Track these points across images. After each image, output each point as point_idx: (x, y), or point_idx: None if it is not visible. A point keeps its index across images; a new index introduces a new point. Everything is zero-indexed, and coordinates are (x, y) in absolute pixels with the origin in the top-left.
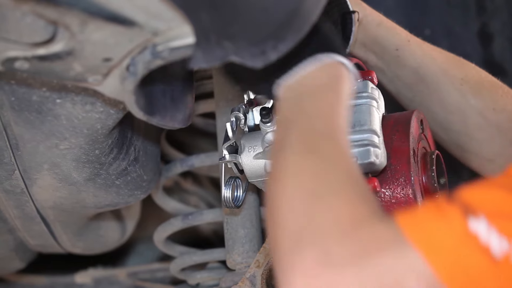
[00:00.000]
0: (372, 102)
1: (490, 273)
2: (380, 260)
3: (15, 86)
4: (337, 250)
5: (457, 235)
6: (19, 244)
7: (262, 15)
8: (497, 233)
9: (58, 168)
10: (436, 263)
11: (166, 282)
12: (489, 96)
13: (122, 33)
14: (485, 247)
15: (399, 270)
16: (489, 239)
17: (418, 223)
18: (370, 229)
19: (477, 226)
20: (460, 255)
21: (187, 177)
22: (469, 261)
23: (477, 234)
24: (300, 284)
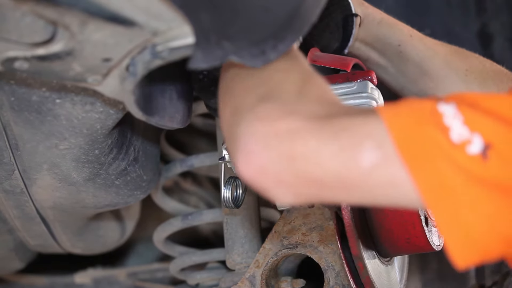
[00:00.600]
0: (372, 102)
1: (442, 148)
2: (344, 120)
3: (15, 86)
4: (302, 107)
5: (423, 112)
6: (18, 244)
7: (262, 15)
8: (462, 120)
9: (57, 168)
10: (396, 132)
11: (166, 282)
12: (494, 85)
13: (122, 33)
14: (446, 127)
15: (359, 131)
16: (452, 122)
17: (392, 105)
18: (337, 102)
19: (445, 109)
20: (419, 127)
21: (186, 177)
22: (426, 134)
23: (442, 114)
24: (260, 129)
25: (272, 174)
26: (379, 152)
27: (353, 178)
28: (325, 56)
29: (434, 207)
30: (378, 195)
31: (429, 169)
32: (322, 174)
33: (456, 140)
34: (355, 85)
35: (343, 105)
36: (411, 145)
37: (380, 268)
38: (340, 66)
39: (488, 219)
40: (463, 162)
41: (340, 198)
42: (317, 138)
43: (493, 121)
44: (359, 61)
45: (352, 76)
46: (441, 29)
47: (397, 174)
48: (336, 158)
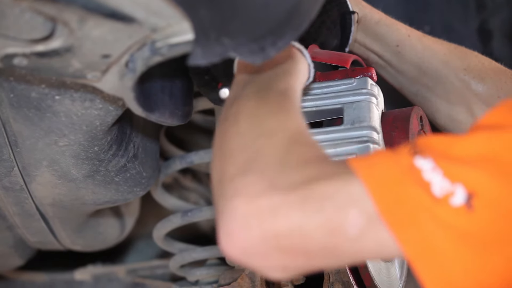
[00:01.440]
0: (372, 98)
1: (425, 207)
2: (324, 188)
3: (14, 82)
4: (282, 178)
5: (401, 169)
6: (18, 241)
7: (262, 11)
8: (442, 173)
9: (57, 165)
10: (376, 194)
11: (166, 279)
12: (493, 84)
13: (121, 29)
14: (426, 182)
15: (342, 199)
16: (432, 177)
17: (367, 160)
18: (317, 164)
19: (422, 164)
20: (400, 187)
21: (186, 174)
22: (407, 193)
23: (421, 169)
24: (240, 207)
25: (256, 254)
26: (364, 218)
27: (341, 246)
28: (324, 53)
29: (420, 267)
30: (367, 257)
31: (413, 230)
32: (309, 247)
33: (439, 194)
34: (354, 82)
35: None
36: (393, 206)
37: (380, 264)
38: (339, 63)
39: (475, 276)
40: (447, 217)
41: (330, 265)
42: (299, 212)
43: (471, 169)
44: (358, 58)
45: (352, 72)
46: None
47: (384, 237)
48: (322, 229)
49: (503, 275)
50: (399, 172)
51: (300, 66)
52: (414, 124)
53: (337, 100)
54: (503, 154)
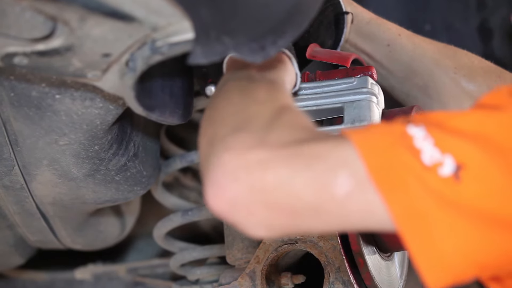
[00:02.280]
0: (372, 97)
1: (415, 172)
2: (315, 148)
3: (15, 81)
4: (273, 137)
5: (393, 135)
6: (18, 240)
7: (262, 10)
8: (433, 142)
9: (57, 164)
10: (367, 157)
11: (166, 278)
12: (484, 82)
13: (122, 28)
14: (417, 149)
15: (332, 159)
16: (423, 145)
17: (360, 129)
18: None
19: (415, 131)
20: (391, 152)
21: (186, 173)
22: (397, 158)
23: (412, 136)
24: (228, 161)
25: (242, 207)
26: (352, 180)
27: (328, 207)
28: (324, 52)
29: (406, 232)
30: (354, 222)
31: (402, 193)
32: (296, 204)
33: (428, 163)
34: (355, 81)
35: (316, 131)
36: (384, 170)
37: (381, 263)
38: (340, 62)
39: (461, 245)
40: (435, 185)
41: (315, 228)
42: (288, 167)
43: (463, 141)
44: (358, 57)
45: (352, 71)
46: (441, 24)
47: (372, 201)
48: (309, 187)
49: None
50: (391, 138)
51: (289, 68)
52: None
53: (337, 99)
54: (496, 133)
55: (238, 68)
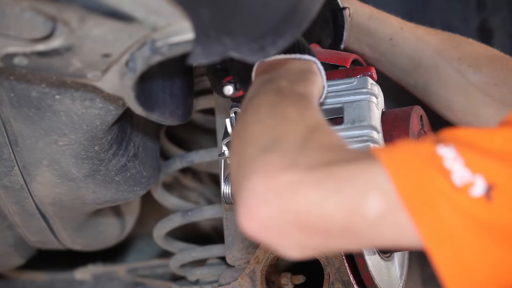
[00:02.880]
0: (372, 98)
1: (445, 194)
2: (345, 170)
3: (14, 82)
4: (303, 158)
5: (423, 156)
6: (18, 240)
7: (262, 10)
8: (463, 163)
9: (57, 164)
10: (397, 179)
11: (166, 278)
12: (489, 72)
13: (121, 29)
14: (447, 170)
15: (362, 181)
16: (453, 165)
17: (389, 148)
18: (338, 150)
19: (445, 152)
20: (421, 173)
21: (186, 173)
22: (428, 179)
23: (442, 157)
24: (260, 184)
25: (274, 230)
26: (383, 202)
27: (360, 229)
28: (324, 52)
29: (436, 253)
30: (385, 241)
31: (432, 216)
32: (328, 226)
33: (459, 183)
34: (355, 81)
35: (346, 150)
36: (414, 191)
37: (380, 264)
38: (339, 62)
39: (491, 268)
40: (466, 206)
41: (348, 247)
42: (319, 190)
43: (493, 161)
44: (358, 57)
45: (352, 71)
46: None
47: (403, 223)
48: (341, 210)
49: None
50: (420, 159)
51: (319, 81)
52: (414, 123)
53: (337, 99)
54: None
55: (268, 78)
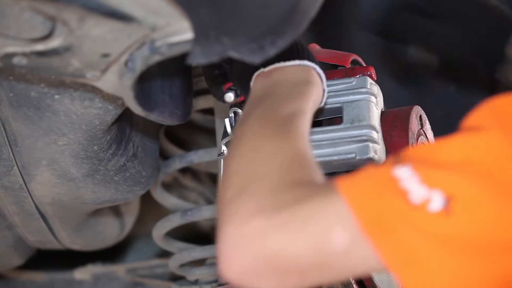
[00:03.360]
0: (371, 97)
1: (403, 215)
2: (307, 208)
3: (14, 82)
4: (269, 200)
5: (380, 181)
6: (17, 240)
7: (261, 10)
8: (419, 180)
9: (56, 164)
10: (357, 209)
11: (165, 278)
12: None
13: (121, 29)
14: (404, 190)
15: (325, 217)
16: (409, 185)
17: (351, 177)
18: (304, 186)
19: (401, 172)
20: (379, 198)
21: (186, 173)
22: (385, 204)
23: (398, 178)
24: (232, 233)
25: (251, 275)
26: (347, 234)
27: (331, 263)
28: (324, 52)
29: (401, 276)
30: (359, 271)
31: (393, 240)
32: (300, 265)
33: (416, 202)
34: (354, 81)
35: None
36: (373, 219)
37: None
38: (339, 62)
39: (457, 280)
40: (425, 224)
41: (324, 281)
42: (285, 233)
43: (450, 172)
44: (357, 57)
45: (351, 71)
46: None
47: (368, 252)
48: (309, 249)
49: (487, 278)
50: (378, 184)
51: (315, 91)
52: (413, 123)
53: (336, 99)
54: (481, 156)
55: (261, 94)
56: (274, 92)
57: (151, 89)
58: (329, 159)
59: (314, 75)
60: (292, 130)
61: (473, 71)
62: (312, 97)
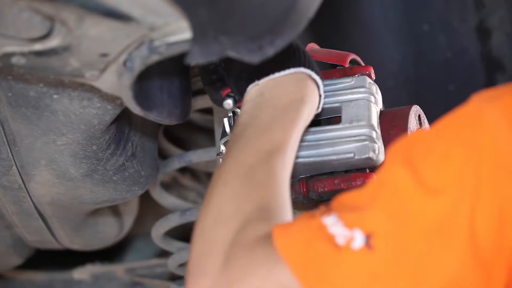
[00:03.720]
0: (370, 97)
1: (332, 256)
2: (253, 282)
3: (12, 82)
4: (220, 279)
5: (312, 230)
6: (16, 240)
7: (260, 10)
8: (343, 224)
9: (55, 164)
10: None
11: (164, 278)
12: None
13: (119, 28)
14: (331, 235)
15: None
16: (335, 229)
17: (288, 233)
18: (249, 252)
19: (328, 220)
20: (310, 249)
21: (185, 173)
22: (316, 252)
23: (326, 225)
24: None
25: None
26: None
27: None
28: (323, 52)
29: None
30: None
31: (326, 286)
32: None
33: (342, 243)
34: (353, 80)
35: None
36: (308, 269)
37: None
38: (338, 61)
39: None
40: (351, 262)
41: None
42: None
43: (368, 212)
44: (356, 56)
45: (350, 71)
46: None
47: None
48: None
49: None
50: (310, 235)
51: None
52: (412, 122)
53: (335, 98)
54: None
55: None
56: (259, 119)
57: (150, 89)
58: (327, 159)
59: (308, 86)
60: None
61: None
62: (302, 117)
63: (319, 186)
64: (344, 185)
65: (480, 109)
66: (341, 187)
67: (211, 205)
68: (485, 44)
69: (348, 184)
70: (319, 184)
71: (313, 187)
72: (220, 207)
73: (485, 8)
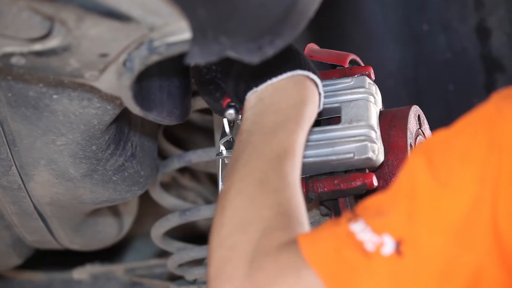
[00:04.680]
0: (370, 97)
1: (362, 264)
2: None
3: (12, 82)
4: (246, 285)
5: (339, 238)
6: (16, 240)
7: (259, 10)
8: (371, 230)
9: (55, 164)
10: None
11: (164, 278)
12: None
13: (119, 28)
14: (360, 241)
15: None
16: (364, 236)
17: (314, 241)
18: (274, 259)
19: (356, 227)
20: (339, 257)
21: (184, 173)
22: (345, 260)
23: (354, 232)
24: None
25: None
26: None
27: None
28: (322, 52)
29: None
30: None
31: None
32: None
33: (371, 249)
34: (352, 80)
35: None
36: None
37: None
38: (337, 61)
39: None
40: (381, 268)
41: None
42: None
43: (393, 217)
44: (356, 56)
45: (350, 71)
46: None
47: None
48: None
49: None
50: (338, 242)
51: (309, 109)
52: (412, 122)
53: (335, 98)
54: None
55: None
56: (263, 124)
57: (150, 89)
58: (327, 159)
59: (307, 87)
60: (277, 181)
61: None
62: (305, 119)
63: (318, 186)
64: (344, 185)
65: (500, 108)
66: (341, 187)
67: (226, 213)
68: (485, 44)
69: (347, 184)
70: (319, 184)
71: (313, 187)
72: (237, 214)
73: (485, 8)
